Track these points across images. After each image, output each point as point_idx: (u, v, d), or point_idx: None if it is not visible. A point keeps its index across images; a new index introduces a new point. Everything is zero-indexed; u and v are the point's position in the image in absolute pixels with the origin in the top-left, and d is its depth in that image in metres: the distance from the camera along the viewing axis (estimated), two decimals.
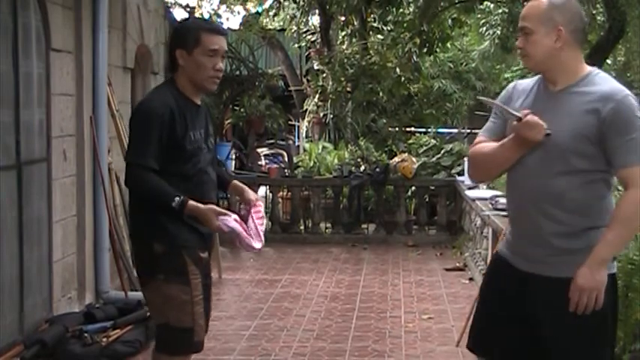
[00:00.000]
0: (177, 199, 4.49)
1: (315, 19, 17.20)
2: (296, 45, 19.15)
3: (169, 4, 14.15)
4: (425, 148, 14.44)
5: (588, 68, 4.06)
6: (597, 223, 3.89)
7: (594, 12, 14.75)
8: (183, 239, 4.63)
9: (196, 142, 4.69)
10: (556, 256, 3.91)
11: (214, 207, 4.62)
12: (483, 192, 10.10)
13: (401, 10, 16.08)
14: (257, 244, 4.72)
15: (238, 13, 17.53)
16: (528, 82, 4.22)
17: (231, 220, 4.56)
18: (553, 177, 3.90)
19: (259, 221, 4.85)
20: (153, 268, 4.65)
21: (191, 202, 4.51)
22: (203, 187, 4.76)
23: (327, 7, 15.79)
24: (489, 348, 4.18)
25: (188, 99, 4.71)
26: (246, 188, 5.12)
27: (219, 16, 16.68)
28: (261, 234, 4.81)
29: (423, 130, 15.70)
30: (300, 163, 14.01)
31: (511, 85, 4.31)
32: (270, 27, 17.99)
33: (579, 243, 3.88)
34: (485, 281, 4.37)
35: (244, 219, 4.78)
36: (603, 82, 3.96)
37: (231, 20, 17.40)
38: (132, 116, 4.92)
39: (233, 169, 14.29)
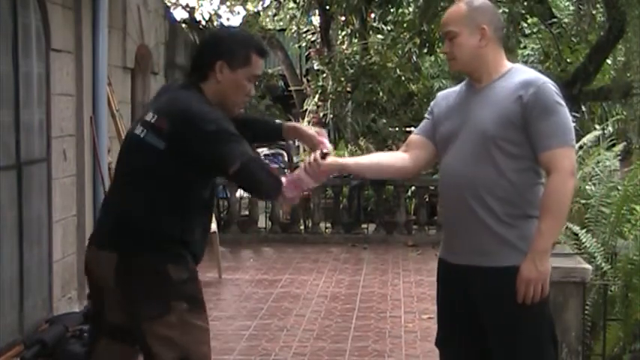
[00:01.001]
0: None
1: (315, 19, 17.20)
2: (296, 45, 19.18)
3: (170, 5, 14.14)
4: None
5: (509, 64, 4.18)
6: (530, 212, 3.93)
7: (594, 12, 14.77)
8: (198, 257, 4.12)
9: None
10: (491, 245, 3.95)
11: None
12: None
13: (401, 10, 16.09)
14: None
15: (238, 13, 17.57)
16: (451, 89, 4.43)
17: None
18: (483, 165, 3.96)
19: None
20: (169, 296, 3.95)
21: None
22: (210, 213, 4.34)
23: (327, 7, 15.80)
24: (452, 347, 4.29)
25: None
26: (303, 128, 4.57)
27: (219, 16, 16.70)
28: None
29: None
30: (300, 163, 14.02)
31: (435, 99, 4.42)
32: (270, 27, 18.03)
33: (513, 232, 3.92)
34: (437, 290, 4.37)
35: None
36: (525, 72, 4.11)
37: (232, 20, 17.43)
38: (192, 125, 3.97)
39: None
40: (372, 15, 16.18)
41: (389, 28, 16.26)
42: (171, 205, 3.95)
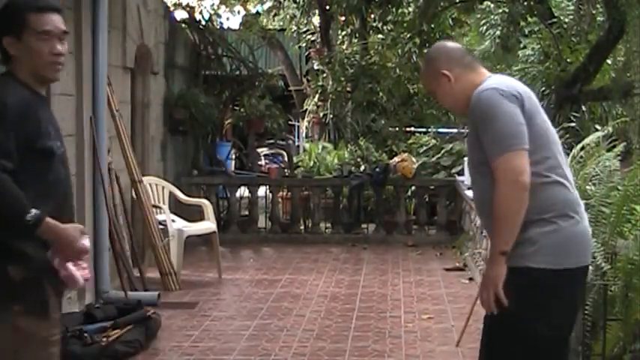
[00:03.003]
0: (33, 211, 3.62)
1: (315, 19, 17.21)
2: (296, 45, 19.19)
3: (170, 6, 14.15)
4: (425, 147, 14.47)
5: (483, 78, 4.22)
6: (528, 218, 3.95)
7: (594, 12, 14.78)
8: (44, 262, 3.77)
9: (52, 140, 3.89)
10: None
11: (79, 226, 3.88)
12: None
13: (401, 9, 16.11)
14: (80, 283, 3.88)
15: (238, 12, 17.59)
16: None
17: (88, 241, 3.88)
18: (478, 186, 4.19)
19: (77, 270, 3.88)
20: (7, 297, 3.75)
21: (50, 220, 3.67)
22: (64, 194, 4.01)
23: (327, 7, 15.81)
24: None
25: (34, 91, 3.90)
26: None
27: (219, 15, 16.70)
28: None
29: (424, 129, 15.71)
30: (300, 163, 14.04)
31: None
32: (270, 27, 18.05)
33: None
34: None
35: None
36: (478, 89, 4.12)
37: (232, 20, 17.45)
38: None
39: (233, 169, 14.31)
40: (372, 15, 16.20)
41: (389, 27, 16.27)
42: None
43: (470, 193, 10.45)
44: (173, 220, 10.11)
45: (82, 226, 3.88)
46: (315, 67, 16.23)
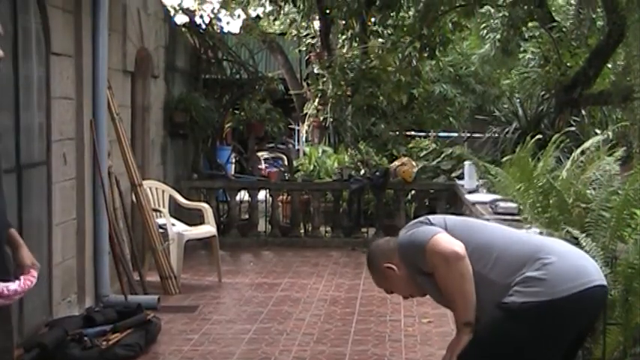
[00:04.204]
0: None
1: (315, 23, 17.23)
2: (296, 49, 19.21)
3: (171, 9, 14.15)
4: (425, 152, 14.49)
5: None
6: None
7: (594, 16, 14.80)
8: None
9: None
10: None
11: None
12: (483, 196, 10.09)
13: (401, 13, 16.09)
14: None
15: (238, 16, 17.60)
16: None
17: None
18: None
19: (17, 286, 4.00)
20: None
21: None
22: None
23: (327, 11, 15.82)
24: None
25: None
26: (23, 246, 4.24)
27: (219, 19, 16.68)
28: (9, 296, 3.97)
29: (423, 134, 15.74)
30: (300, 167, 14.05)
31: None
32: (270, 31, 18.07)
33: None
34: None
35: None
36: None
37: (232, 24, 17.47)
38: None
39: (233, 172, 14.33)
40: (372, 19, 16.20)
41: (389, 32, 16.27)
42: None
43: (470, 197, 10.48)
44: (173, 224, 10.12)
45: None
46: (315, 71, 16.24)
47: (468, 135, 15.12)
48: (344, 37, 16.43)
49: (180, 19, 14.57)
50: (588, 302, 4.05)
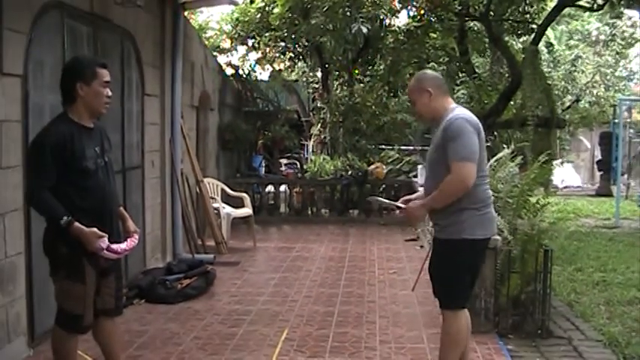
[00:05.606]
0: (65, 218, 3.67)
1: (318, 73, 17.22)
2: (305, 90, 19.19)
3: (223, 65, 14.20)
4: (391, 159, 14.49)
5: (453, 105, 4.25)
6: (464, 205, 4.07)
7: (502, 70, 14.85)
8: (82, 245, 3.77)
9: (92, 158, 3.83)
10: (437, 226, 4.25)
11: (95, 230, 3.74)
12: None
13: (375, 67, 16.16)
14: (113, 256, 3.92)
15: (268, 69, 17.58)
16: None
17: (106, 241, 3.80)
18: (433, 180, 4.17)
19: (125, 245, 4.03)
20: (57, 265, 3.87)
21: (76, 224, 3.68)
22: (102, 196, 3.89)
23: (326, 65, 15.86)
24: None
25: (81, 126, 3.84)
26: (129, 219, 4.22)
27: (254, 71, 16.71)
28: (121, 252, 3.98)
29: (390, 147, 15.71)
30: (308, 169, 14.06)
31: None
32: (288, 78, 18.04)
33: (447, 220, 4.14)
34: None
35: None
36: (452, 113, 4.15)
37: (263, 74, 17.46)
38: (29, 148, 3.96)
39: (263, 173, 14.35)
40: (357, 71, 16.22)
41: (367, 79, 16.31)
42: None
43: (421, 189, 10.52)
44: (223, 207, 10.17)
45: (99, 232, 3.76)
46: (318, 105, 16.22)
47: (420, 148, 15.09)
48: (337, 82, 16.42)
49: (229, 71, 14.62)
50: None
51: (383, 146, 15.52)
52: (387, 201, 4.88)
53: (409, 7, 14.44)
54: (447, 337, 4.22)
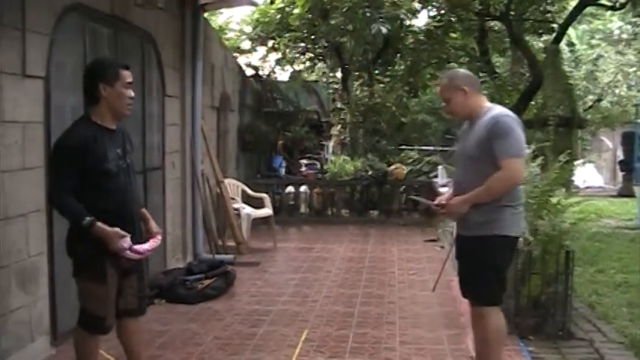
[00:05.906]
0: (87, 218, 3.67)
1: (338, 74, 17.24)
2: (325, 91, 19.21)
3: (243, 66, 14.25)
4: (411, 159, 14.48)
5: (488, 104, 4.25)
6: (504, 203, 4.08)
7: (522, 70, 14.78)
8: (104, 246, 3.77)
9: (114, 160, 3.84)
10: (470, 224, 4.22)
11: (118, 230, 3.74)
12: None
13: (395, 67, 16.15)
14: (135, 256, 3.90)
15: (287, 70, 17.62)
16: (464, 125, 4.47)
17: (128, 241, 3.80)
18: (471, 178, 4.13)
19: (147, 246, 4.04)
20: (78, 267, 3.90)
21: (98, 224, 3.68)
22: (124, 198, 3.90)
23: (346, 65, 15.87)
24: None
25: (104, 128, 3.84)
26: (151, 219, 4.25)
27: (274, 72, 16.78)
28: (143, 252, 3.97)
29: (410, 147, 15.70)
30: (328, 170, 14.08)
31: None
32: (308, 79, 18.08)
33: (485, 217, 4.12)
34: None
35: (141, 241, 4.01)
36: (494, 111, 4.15)
37: (283, 75, 17.48)
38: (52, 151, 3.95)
39: (283, 173, 14.40)
40: (376, 71, 16.22)
41: (387, 79, 16.30)
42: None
43: (442, 190, 10.49)
44: (244, 208, 10.20)
45: (122, 232, 3.75)
46: (338, 106, 16.25)
47: (440, 148, 15.06)
48: (357, 83, 16.44)
49: (249, 72, 14.67)
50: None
51: (403, 147, 15.50)
52: (424, 200, 4.87)
53: (429, 8, 14.40)
54: (495, 334, 4.20)
